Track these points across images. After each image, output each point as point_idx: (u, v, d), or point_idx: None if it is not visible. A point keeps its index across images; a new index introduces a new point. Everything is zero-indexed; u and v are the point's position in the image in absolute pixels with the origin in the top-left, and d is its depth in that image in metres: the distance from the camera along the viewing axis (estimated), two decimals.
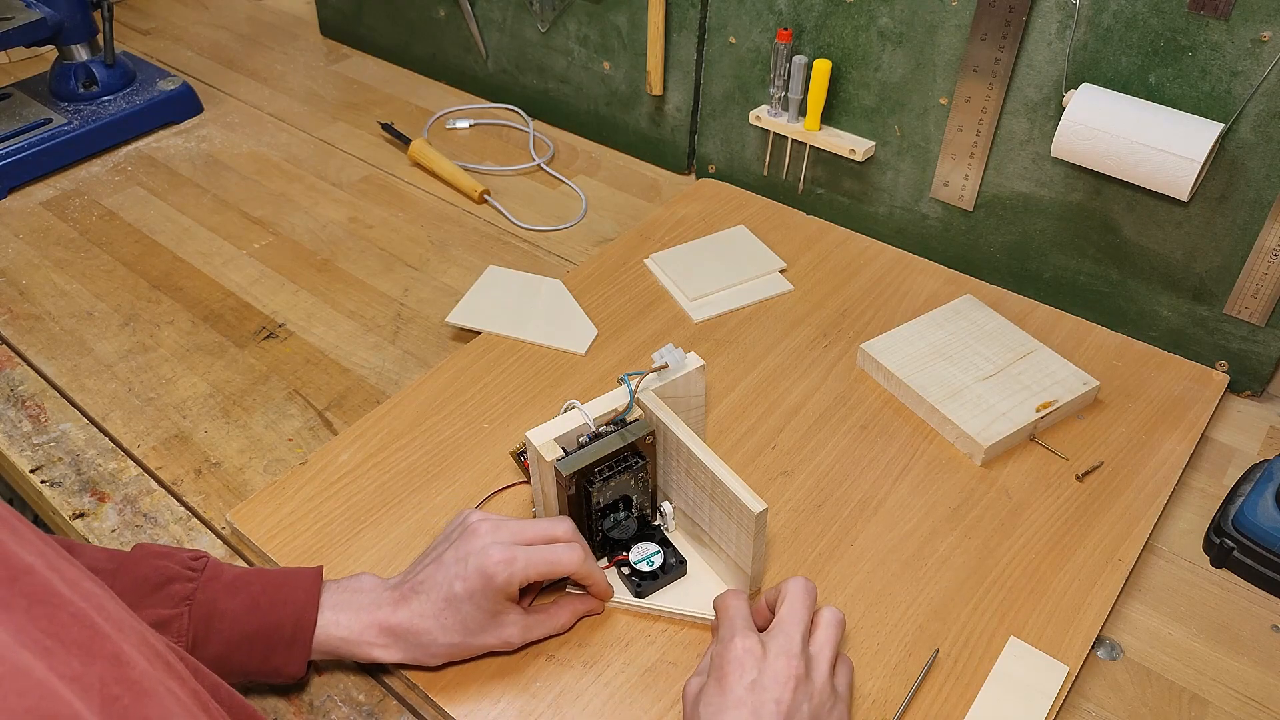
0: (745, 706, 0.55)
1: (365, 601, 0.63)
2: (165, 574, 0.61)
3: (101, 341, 0.94)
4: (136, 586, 0.61)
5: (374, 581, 0.65)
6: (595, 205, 1.14)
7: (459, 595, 0.62)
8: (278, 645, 0.61)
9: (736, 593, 0.63)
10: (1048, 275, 0.95)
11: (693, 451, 0.66)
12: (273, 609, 0.61)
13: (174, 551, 0.64)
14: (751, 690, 0.55)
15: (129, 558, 0.63)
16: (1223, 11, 0.76)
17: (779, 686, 0.56)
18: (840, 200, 1.06)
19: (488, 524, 0.64)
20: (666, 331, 0.93)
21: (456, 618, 0.62)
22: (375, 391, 0.89)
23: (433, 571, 0.63)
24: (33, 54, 1.41)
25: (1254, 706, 0.65)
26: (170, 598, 0.61)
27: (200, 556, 0.64)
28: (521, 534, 0.64)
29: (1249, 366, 0.88)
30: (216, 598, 0.61)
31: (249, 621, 0.61)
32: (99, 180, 1.17)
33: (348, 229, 1.10)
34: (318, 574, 0.64)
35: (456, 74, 1.36)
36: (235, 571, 0.63)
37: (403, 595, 0.63)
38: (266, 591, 0.62)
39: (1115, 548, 0.73)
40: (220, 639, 0.61)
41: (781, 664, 0.56)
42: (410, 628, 0.62)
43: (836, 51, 0.98)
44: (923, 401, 0.83)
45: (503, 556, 0.61)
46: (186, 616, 0.60)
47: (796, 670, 0.56)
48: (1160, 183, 0.80)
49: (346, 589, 0.64)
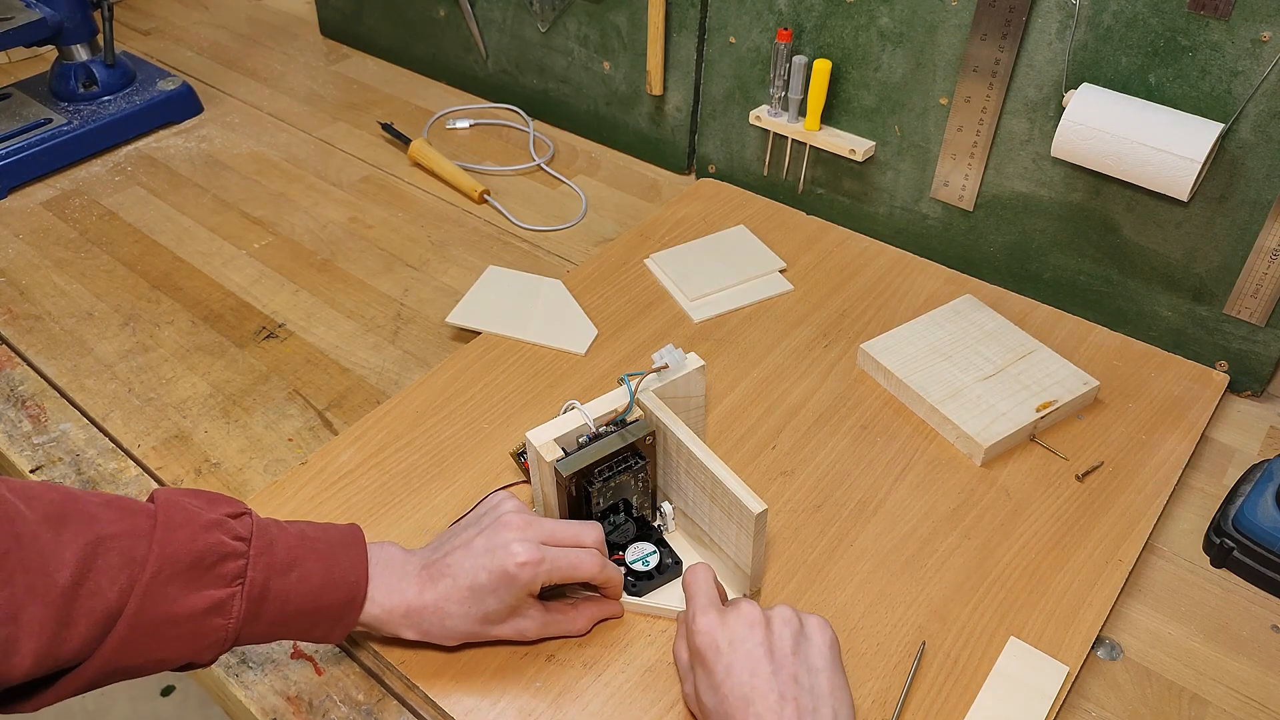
0: (735, 665, 0.56)
1: (395, 581, 0.63)
2: (217, 550, 0.56)
3: (101, 341, 0.94)
4: (186, 565, 0.55)
5: (401, 555, 0.65)
6: (595, 205, 1.14)
7: (483, 586, 0.62)
8: (324, 622, 0.61)
9: (696, 569, 0.64)
10: (1048, 275, 0.95)
11: (693, 452, 0.66)
12: (323, 591, 0.60)
13: (209, 508, 0.58)
14: (732, 649, 0.57)
15: (160, 520, 0.56)
16: (1223, 11, 0.76)
17: (749, 631, 0.58)
18: (840, 200, 1.06)
19: (520, 518, 0.64)
20: (666, 331, 0.93)
21: (479, 607, 0.63)
22: (375, 391, 0.89)
23: (462, 558, 0.63)
24: (33, 54, 1.41)
25: (1254, 706, 0.65)
26: (222, 577, 0.56)
27: (240, 518, 0.59)
28: (552, 536, 0.64)
29: (1249, 366, 0.88)
30: (269, 578, 0.58)
31: (298, 603, 0.59)
32: (99, 180, 1.17)
33: (348, 229, 1.10)
34: (363, 549, 0.63)
35: (456, 74, 1.36)
36: (285, 546, 0.60)
37: (431, 577, 0.63)
38: (317, 572, 0.60)
39: (1115, 548, 0.73)
40: (266, 619, 0.59)
41: (745, 610, 0.59)
42: (435, 612, 0.63)
43: (836, 51, 0.98)
44: (923, 401, 0.83)
45: (529, 557, 0.62)
46: (241, 598, 0.57)
47: (759, 617, 0.59)
48: (1160, 183, 0.80)
49: (379, 563, 0.63)
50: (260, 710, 0.65)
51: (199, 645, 0.56)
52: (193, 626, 0.55)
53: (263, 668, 0.67)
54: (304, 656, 0.68)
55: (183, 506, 0.57)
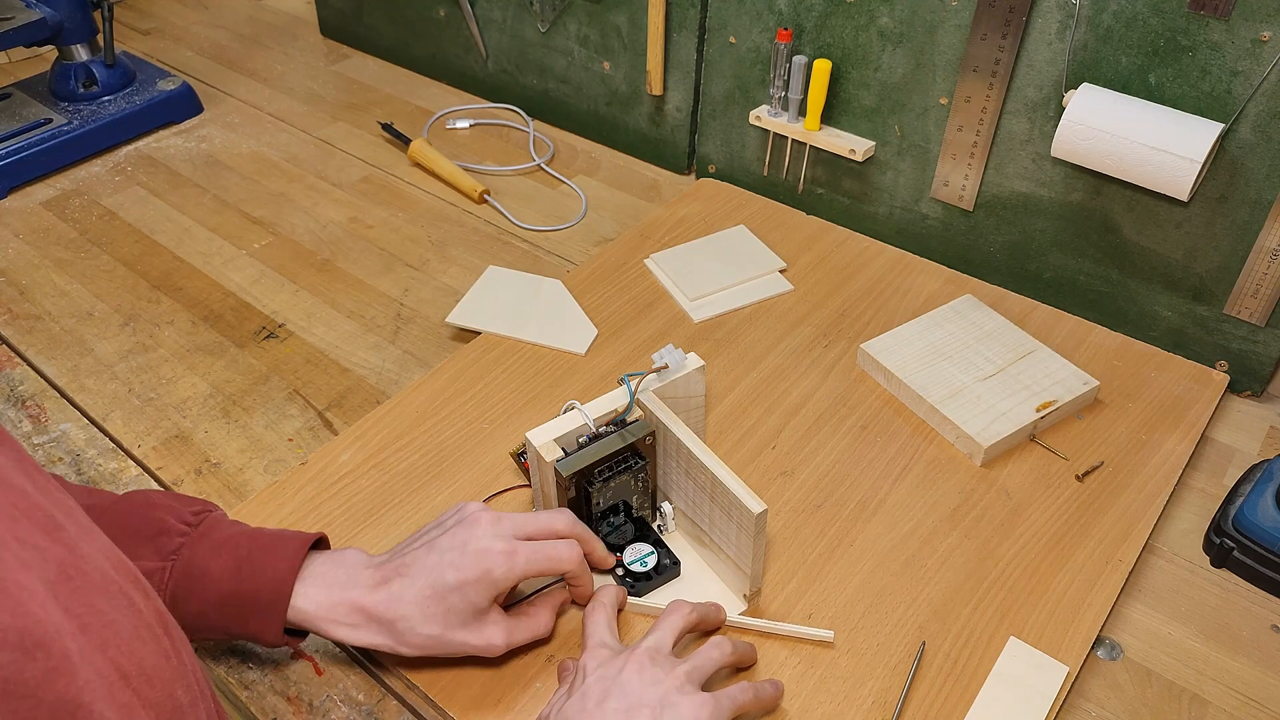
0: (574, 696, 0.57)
1: (342, 578, 0.61)
2: (159, 526, 0.61)
3: (101, 342, 0.94)
4: (128, 533, 0.60)
5: (358, 558, 0.63)
6: (595, 205, 1.14)
7: (449, 585, 0.60)
8: (253, 612, 0.60)
9: (594, 608, 0.65)
10: (1048, 275, 0.95)
11: (693, 452, 0.66)
12: (252, 576, 0.60)
13: (177, 504, 0.63)
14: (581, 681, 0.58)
15: (124, 500, 0.62)
16: (1223, 11, 0.76)
17: (591, 667, 0.59)
18: (840, 200, 1.06)
19: (488, 515, 0.63)
20: (666, 331, 0.93)
21: (441, 608, 0.60)
22: (375, 391, 0.89)
23: (422, 555, 0.61)
24: (33, 54, 1.41)
25: (1254, 706, 0.65)
26: (158, 550, 0.60)
27: (204, 511, 0.63)
28: (522, 529, 0.63)
29: (1249, 366, 0.88)
30: (202, 556, 0.60)
31: (227, 585, 0.60)
32: (99, 180, 1.17)
33: (348, 229, 1.10)
34: (304, 544, 0.62)
35: (456, 74, 1.36)
36: (229, 531, 0.62)
37: (384, 576, 0.61)
38: (251, 557, 0.61)
39: (1115, 548, 0.73)
40: (198, 598, 0.60)
41: (600, 656, 0.60)
42: (387, 611, 0.60)
43: (836, 51, 0.98)
44: (923, 401, 0.83)
45: (504, 549, 0.60)
46: (169, 572, 0.59)
47: (607, 657, 0.59)
48: (1160, 183, 0.80)
49: (329, 561, 0.62)
50: (260, 710, 0.64)
51: None
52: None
53: (263, 668, 0.67)
54: (304, 656, 0.67)
55: (147, 495, 0.64)
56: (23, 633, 0.30)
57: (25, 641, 0.29)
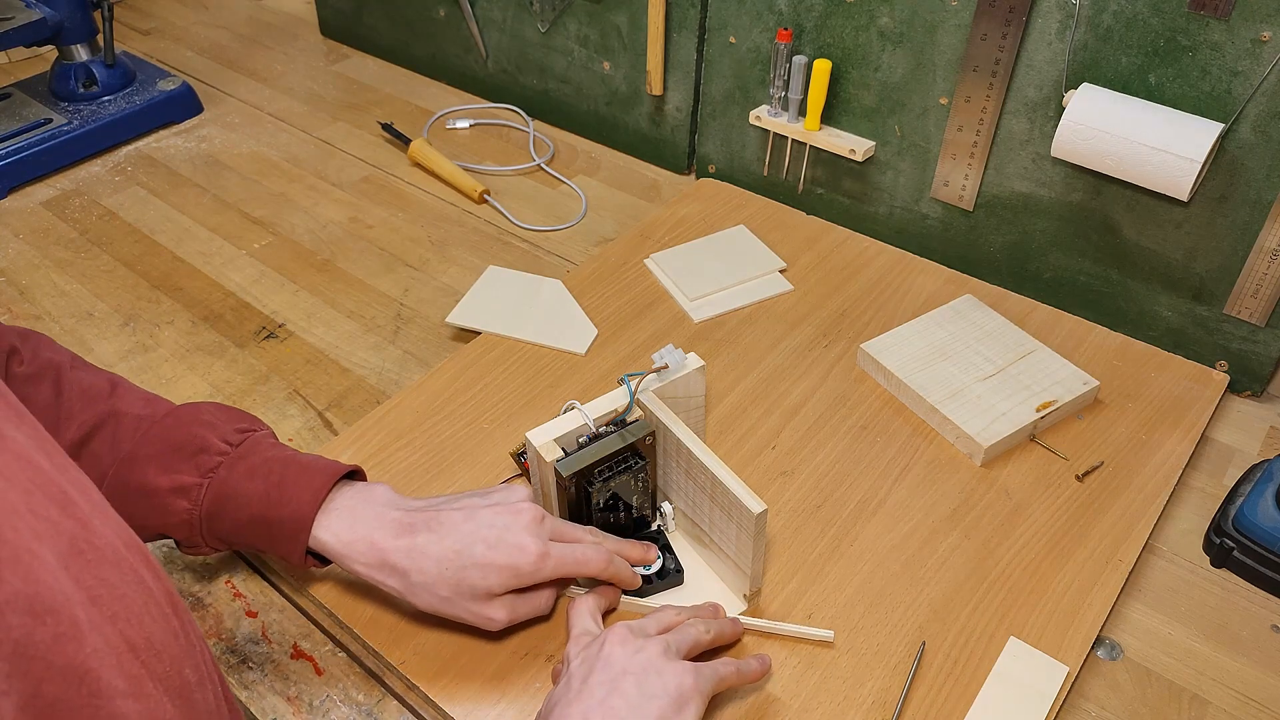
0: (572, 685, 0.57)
1: (367, 515, 0.63)
2: (201, 443, 0.63)
3: (101, 342, 0.94)
4: (172, 447, 0.63)
5: (388, 496, 0.64)
6: (595, 205, 1.14)
7: (474, 558, 0.61)
8: (278, 538, 0.62)
9: (577, 600, 0.65)
10: (1048, 275, 0.95)
11: (693, 452, 0.66)
12: (279, 504, 0.62)
13: (224, 420, 0.65)
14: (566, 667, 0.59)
15: (175, 414, 0.65)
16: (1223, 11, 0.76)
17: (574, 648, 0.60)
18: (840, 200, 1.06)
19: (535, 512, 0.64)
20: (666, 331, 0.93)
21: (458, 575, 0.61)
22: (375, 391, 0.89)
23: (458, 519, 0.62)
24: (33, 54, 1.41)
25: (1254, 706, 0.65)
26: (198, 467, 0.62)
27: (248, 430, 0.65)
28: (560, 535, 0.65)
29: (1249, 366, 0.88)
30: (236, 478, 0.62)
31: (256, 508, 0.62)
32: (99, 180, 1.17)
33: (348, 229, 1.10)
34: (331, 477, 0.63)
35: (456, 74, 1.36)
36: (266, 455, 0.64)
37: (410, 525, 0.62)
38: (281, 484, 0.62)
39: (1115, 548, 0.73)
40: (230, 518, 0.62)
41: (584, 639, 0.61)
42: (404, 560, 0.61)
43: (836, 51, 0.98)
44: (923, 401, 0.83)
45: (538, 551, 0.62)
46: (205, 489, 0.62)
47: (588, 642, 0.60)
48: (1160, 183, 0.80)
49: (357, 496, 0.64)
50: (260, 710, 0.64)
51: (168, 521, 0.62)
52: (159, 501, 0.62)
53: (263, 668, 0.67)
54: (304, 656, 0.68)
55: (198, 408, 0.66)
56: (33, 599, 0.30)
57: (35, 607, 0.30)
